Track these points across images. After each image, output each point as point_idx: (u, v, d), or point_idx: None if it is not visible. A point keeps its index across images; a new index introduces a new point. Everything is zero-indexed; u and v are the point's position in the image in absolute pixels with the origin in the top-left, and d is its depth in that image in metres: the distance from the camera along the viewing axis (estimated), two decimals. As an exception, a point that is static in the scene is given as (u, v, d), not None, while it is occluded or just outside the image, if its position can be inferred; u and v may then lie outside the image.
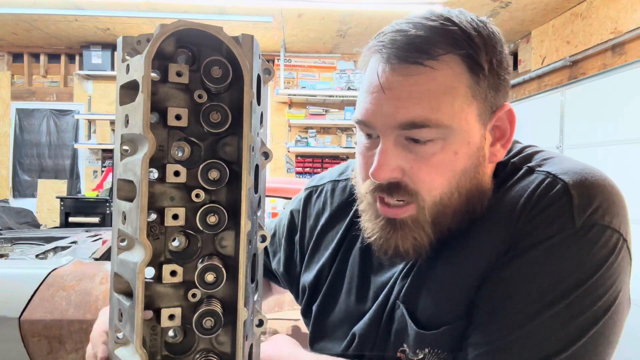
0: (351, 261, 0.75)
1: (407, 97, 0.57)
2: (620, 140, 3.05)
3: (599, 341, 0.54)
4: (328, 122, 5.34)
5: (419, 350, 0.62)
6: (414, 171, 0.59)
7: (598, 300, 0.54)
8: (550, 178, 0.58)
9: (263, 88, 0.44)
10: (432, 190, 0.59)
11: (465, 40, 0.57)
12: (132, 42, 0.39)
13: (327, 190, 0.83)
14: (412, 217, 0.61)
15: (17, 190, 5.43)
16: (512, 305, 0.56)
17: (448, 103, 0.57)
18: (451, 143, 0.58)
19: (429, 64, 0.56)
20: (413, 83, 0.57)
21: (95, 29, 4.71)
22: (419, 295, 0.64)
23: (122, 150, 0.40)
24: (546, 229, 0.56)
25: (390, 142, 0.59)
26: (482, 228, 0.61)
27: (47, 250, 2.34)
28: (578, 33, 3.61)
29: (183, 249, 0.40)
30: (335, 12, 4.04)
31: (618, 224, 0.55)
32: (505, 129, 0.63)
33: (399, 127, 0.57)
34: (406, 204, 0.60)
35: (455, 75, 0.57)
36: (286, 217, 0.87)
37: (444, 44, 0.57)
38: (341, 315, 0.73)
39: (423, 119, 0.56)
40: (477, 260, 0.60)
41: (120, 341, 0.40)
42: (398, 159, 0.59)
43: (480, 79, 0.58)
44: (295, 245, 0.84)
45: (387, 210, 0.61)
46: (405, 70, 0.57)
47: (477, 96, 0.59)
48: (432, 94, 0.56)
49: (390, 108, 0.57)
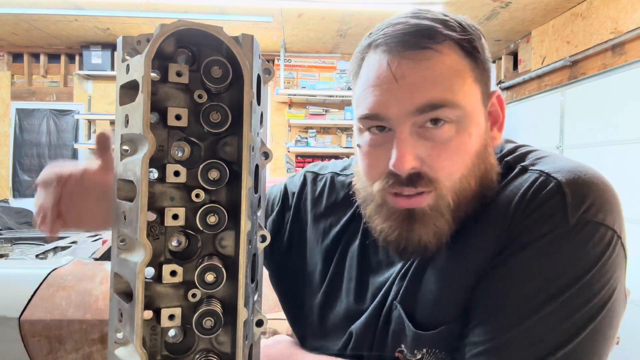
0: (349, 261, 0.75)
1: (422, 82, 0.57)
2: (620, 140, 3.05)
3: (595, 338, 0.54)
4: (328, 122, 5.34)
5: (416, 350, 0.62)
6: (432, 158, 0.59)
7: (594, 297, 0.54)
8: (544, 176, 0.58)
9: (263, 88, 0.44)
10: (451, 174, 0.59)
11: (460, 27, 0.60)
12: (132, 42, 0.39)
13: (327, 180, 0.82)
14: (431, 206, 0.60)
15: (17, 190, 5.43)
16: (508, 304, 0.56)
17: (459, 85, 0.58)
18: (465, 125, 0.59)
19: (436, 47, 0.57)
20: (425, 68, 0.57)
21: (95, 29, 4.70)
22: (417, 295, 0.64)
23: (122, 150, 0.40)
24: (540, 227, 0.56)
25: (406, 131, 0.58)
26: (477, 228, 0.61)
27: (47, 250, 2.34)
28: (578, 33, 3.61)
29: (183, 249, 0.40)
30: (335, 12, 4.04)
31: (612, 221, 0.55)
32: (498, 114, 0.66)
33: (417, 111, 0.57)
34: (425, 193, 0.59)
35: (459, 59, 0.59)
36: (280, 191, 0.86)
37: (444, 30, 0.58)
38: (341, 316, 0.73)
39: (441, 99, 0.57)
40: (473, 260, 0.60)
41: (120, 341, 0.41)
42: (417, 148, 0.58)
43: (478, 64, 0.60)
44: (286, 223, 0.83)
45: (406, 202, 0.60)
46: (414, 55, 0.57)
47: (478, 79, 0.61)
48: (444, 76, 0.57)
49: (405, 95, 0.57)
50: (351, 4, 3.75)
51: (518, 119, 4.38)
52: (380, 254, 0.72)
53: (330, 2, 3.71)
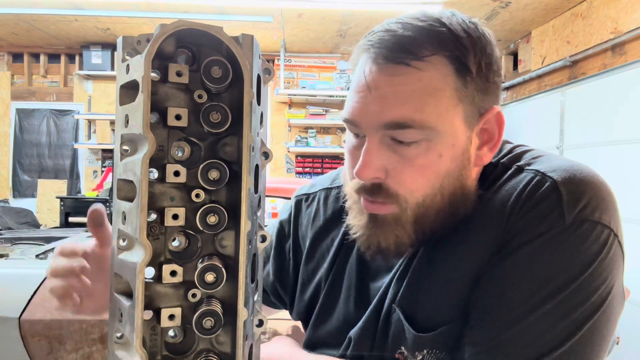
0: (348, 269, 0.74)
1: (393, 97, 0.57)
2: (620, 140, 3.05)
3: (593, 336, 0.54)
4: (328, 122, 5.34)
5: (417, 352, 0.62)
6: (396, 172, 0.59)
7: (591, 295, 0.54)
8: (539, 176, 0.58)
9: (263, 88, 0.44)
10: (414, 192, 0.59)
11: (453, 41, 0.57)
12: (132, 42, 0.39)
13: (320, 199, 0.82)
14: (394, 215, 0.61)
15: (17, 190, 5.43)
16: (506, 303, 0.56)
17: (433, 104, 0.56)
18: (435, 145, 0.58)
19: (414, 64, 0.56)
20: (398, 83, 0.56)
21: (95, 29, 4.70)
22: (415, 297, 0.64)
23: (122, 150, 0.40)
24: (536, 226, 0.56)
25: (375, 141, 0.59)
26: (473, 228, 0.61)
27: (47, 250, 2.34)
28: (578, 33, 3.61)
29: (183, 249, 0.40)
30: (335, 12, 4.04)
31: (608, 220, 0.55)
32: (494, 132, 0.63)
33: (384, 127, 0.57)
34: (387, 203, 0.60)
35: (441, 77, 0.57)
36: (274, 228, 0.86)
37: (430, 45, 0.56)
38: (340, 324, 0.72)
39: (407, 119, 0.56)
40: (471, 260, 0.60)
41: (120, 341, 0.40)
42: (382, 159, 0.59)
43: (468, 81, 0.58)
44: (287, 254, 0.83)
45: (370, 206, 0.62)
46: (391, 70, 0.57)
47: (464, 98, 0.58)
48: (417, 94, 0.56)
49: (375, 107, 0.57)
50: (351, 4, 3.75)
51: (518, 119, 4.38)
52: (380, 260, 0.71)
53: (330, 2, 3.71)
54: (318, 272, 0.77)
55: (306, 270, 0.79)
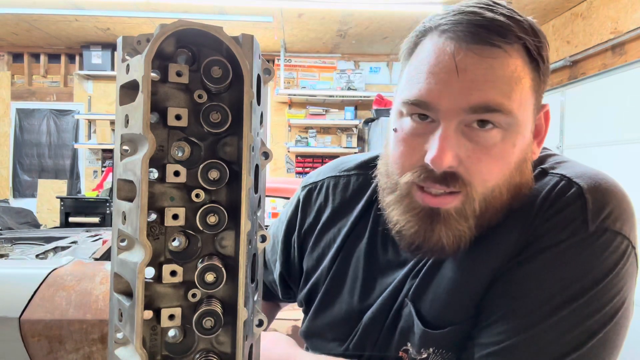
0: (354, 261, 0.73)
1: (483, 80, 0.54)
2: (620, 140, 3.05)
3: (605, 346, 0.54)
4: (328, 122, 5.34)
5: (423, 349, 0.61)
6: (471, 160, 0.56)
7: (605, 305, 0.54)
8: (565, 181, 0.58)
9: (263, 88, 0.44)
10: (486, 182, 0.56)
11: (532, 32, 0.56)
12: (132, 42, 0.39)
13: (329, 186, 0.80)
14: (457, 209, 0.57)
15: (17, 190, 5.43)
16: (522, 306, 0.56)
17: (518, 92, 0.55)
18: (511, 134, 0.56)
19: (506, 48, 0.54)
20: (488, 66, 0.54)
21: (95, 29, 4.71)
22: (428, 294, 0.63)
23: (122, 150, 0.40)
24: (560, 231, 0.55)
25: (452, 127, 0.55)
26: (496, 229, 0.60)
27: (47, 250, 2.34)
28: (578, 33, 3.61)
29: (183, 249, 0.40)
30: (335, 12, 4.04)
31: (628, 231, 0.55)
32: (542, 128, 0.62)
33: (470, 109, 0.54)
34: (454, 194, 0.57)
35: (523, 65, 0.56)
36: (283, 224, 0.84)
37: (517, 32, 0.55)
38: (342, 316, 0.72)
39: (497, 103, 0.54)
40: (489, 261, 0.59)
41: (120, 341, 0.40)
42: (459, 147, 0.55)
43: (539, 73, 0.57)
44: (293, 244, 0.82)
45: (432, 199, 0.57)
46: (481, 51, 0.54)
47: (535, 90, 0.58)
48: (506, 80, 0.54)
49: (462, 90, 0.54)
50: (351, 4, 3.75)
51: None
52: (390, 254, 0.70)
53: (330, 2, 3.71)
54: (323, 261, 0.76)
55: (311, 259, 0.78)
